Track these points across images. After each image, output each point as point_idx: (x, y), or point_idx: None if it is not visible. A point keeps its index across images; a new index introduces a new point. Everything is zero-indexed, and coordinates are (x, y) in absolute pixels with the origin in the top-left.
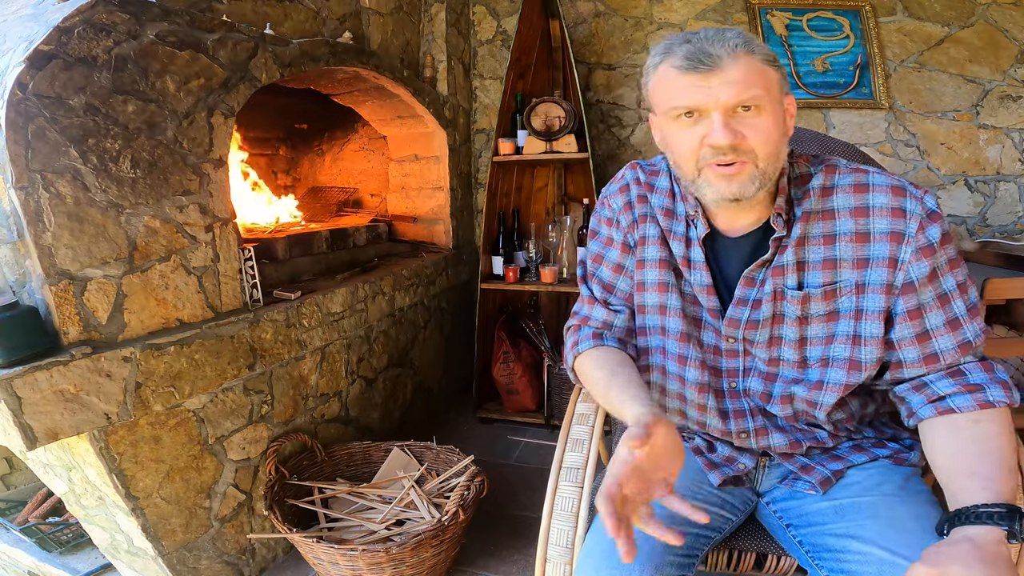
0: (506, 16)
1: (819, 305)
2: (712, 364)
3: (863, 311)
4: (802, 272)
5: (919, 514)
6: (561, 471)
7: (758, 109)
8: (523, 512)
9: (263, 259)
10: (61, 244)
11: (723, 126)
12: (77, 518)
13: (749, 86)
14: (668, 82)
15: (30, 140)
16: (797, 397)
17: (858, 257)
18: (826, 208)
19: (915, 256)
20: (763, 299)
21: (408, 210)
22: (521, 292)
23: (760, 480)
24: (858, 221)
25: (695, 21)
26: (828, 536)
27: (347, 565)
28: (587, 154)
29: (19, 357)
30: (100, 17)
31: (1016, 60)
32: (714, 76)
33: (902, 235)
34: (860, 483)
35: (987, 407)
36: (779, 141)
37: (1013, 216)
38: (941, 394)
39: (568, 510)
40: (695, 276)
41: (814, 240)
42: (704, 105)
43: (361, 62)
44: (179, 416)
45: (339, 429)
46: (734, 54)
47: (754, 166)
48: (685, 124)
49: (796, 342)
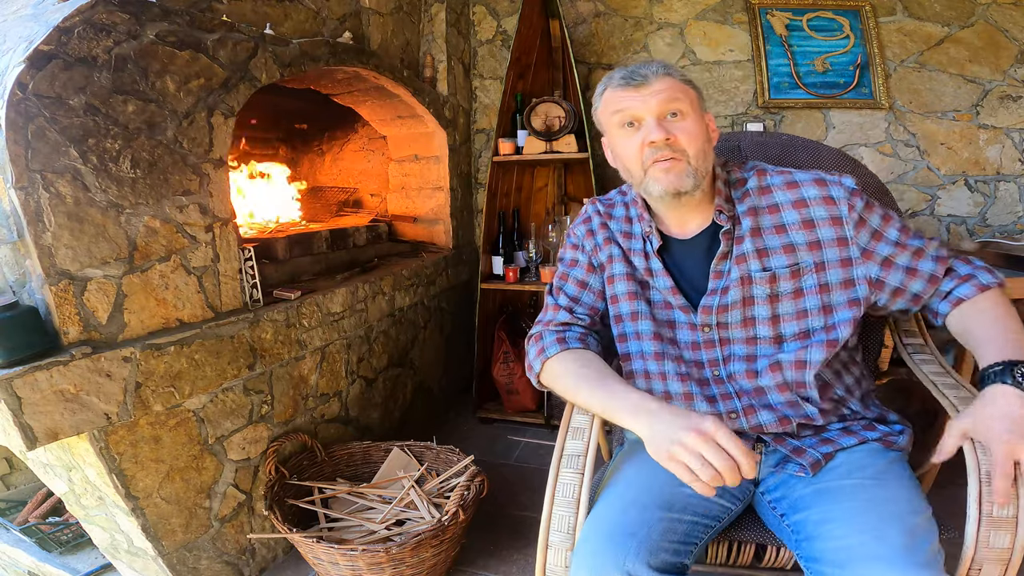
0: (506, 16)
1: (787, 284)
2: (692, 358)
3: (829, 284)
4: (765, 258)
5: (897, 496)
6: (563, 458)
7: (683, 115)
8: (523, 512)
9: (263, 259)
10: (61, 244)
11: (657, 126)
12: (77, 518)
13: (673, 97)
14: (611, 97)
15: (30, 140)
16: (785, 363)
17: (810, 240)
18: (771, 203)
19: (855, 230)
20: (731, 286)
21: (408, 210)
22: (521, 292)
23: (757, 469)
24: (801, 211)
25: (695, 21)
26: (809, 522)
27: (347, 565)
28: (587, 154)
29: (19, 357)
30: (100, 17)
31: (1016, 60)
32: (644, 89)
33: (840, 218)
34: (844, 466)
35: (984, 290)
36: (705, 143)
37: (1013, 216)
38: (947, 290)
39: (569, 496)
40: (659, 282)
41: (768, 230)
42: (640, 113)
43: (361, 62)
44: (179, 416)
45: (339, 429)
46: (658, 74)
47: (687, 163)
48: (628, 133)
49: (769, 319)
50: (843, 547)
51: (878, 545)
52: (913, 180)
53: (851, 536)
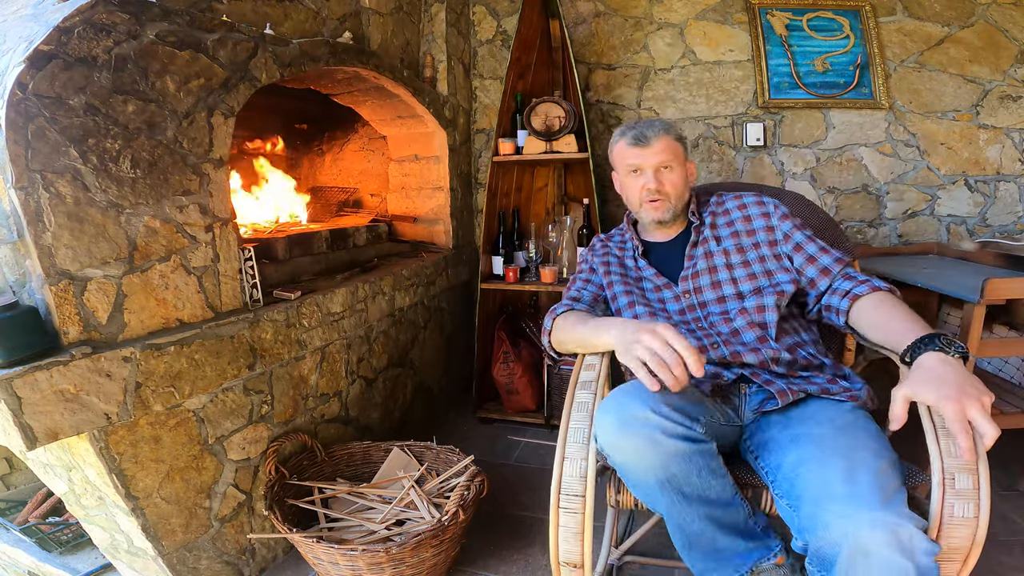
0: (506, 16)
1: (736, 256)
2: (679, 320)
3: (764, 256)
4: (720, 242)
5: (865, 444)
6: (578, 384)
7: (671, 169)
8: (523, 512)
9: (263, 259)
10: (61, 244)
11: (653, 178)
12: (77, 518)
13: (666, 155)
14: (623, 151)
15: (30, 140)
16: (749, 308)
17: (748, 230)
18: (724, 210)
19: (780, 220)
20: (698, 261)
21: (408, 210)
22: (521, 292)
23: (743, 409)
24: (743, 211)
25: (695, 21)
26: (786, 464)
27: (347, 565)
28: (587, 154)
29: (19, 357)
30: (100, 17)
31: (1016, 60)
32: (647, 149)
33: (769, 215)
34: (814, 418)
35: (877, 291)
36: (683, 187)
37: (1013, 216)
38: (846, 289)
39: (585, 412)
40: (646, 272)
41: (721, 226)
42: (643, 165)
43: (361, 62)
44: (179, 416)
45: (339, 429)
46: (658, 135)
47: (668, 202)
48: (633, 177)
49: (730, 280)
50: (819, 485)
51: (848, 486)
52: (913, 180)
53: (824, 477)
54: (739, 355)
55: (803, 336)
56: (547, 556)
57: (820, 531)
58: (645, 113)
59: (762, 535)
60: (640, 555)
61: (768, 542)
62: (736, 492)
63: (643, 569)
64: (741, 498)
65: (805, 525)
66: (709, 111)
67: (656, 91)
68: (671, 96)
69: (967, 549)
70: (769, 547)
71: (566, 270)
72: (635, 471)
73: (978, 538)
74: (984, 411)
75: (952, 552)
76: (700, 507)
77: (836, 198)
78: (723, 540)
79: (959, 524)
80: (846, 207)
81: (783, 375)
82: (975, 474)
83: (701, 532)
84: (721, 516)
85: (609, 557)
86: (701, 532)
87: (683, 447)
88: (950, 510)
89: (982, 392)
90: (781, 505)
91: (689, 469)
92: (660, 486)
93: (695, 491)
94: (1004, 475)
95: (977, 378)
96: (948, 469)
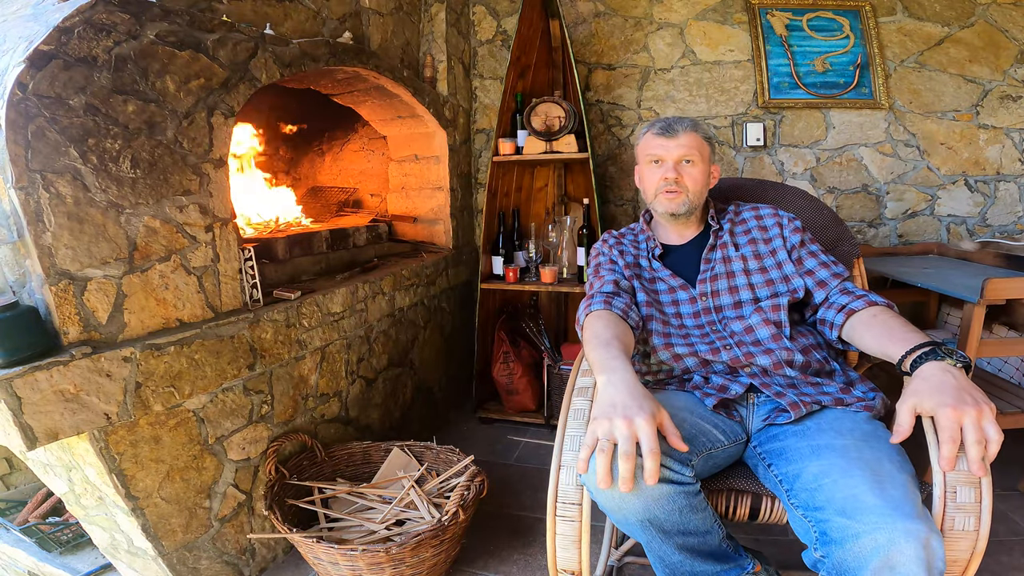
0: (506, 16)
1: (753, 263)
2: (694, 324)
3: (780, 262)
4: (738, 248)
5: (888, 457)
6: (575, 390)
7: (694, 164)
8: (523, 512)
9: (263, 259)
10: (61, 244)
11: (673, 168)
12: (77, 518)
13: (691, 149)
14: (649, 140)
15: (30, 140)
16: (764, 308)
17: (764, 238)
18: (742, 219)
19: (790, 232)
20: (715, 264)
21: (408, 210)
22: (521, 292)
23: (750, 419)
24: (759, 224)
25: (695, 21)
26: (808, 474)
27: (347, 565)
28: (587, 154)
29: (19, 357)
30: (100, 17)
31: (1016, 60)
32: (672, 140)
33: (782, 226)
34: (833, 429)
35: (872, 305)
36: (703, 185)
37: (1013, 216)
38: (842, 304)
39: (581, 419)
40: (661, 275)
41: (739, 234)
42: (664, 156)
43: (361, 62)
44: (179, 416)
45: (339, 429)
46: (686, 130)
47: (686, 196)
48: (653, 168)
49: (747, 285)
50: (848, 497)
51: (878, 498)
52: (913, 180)
53: (852, 488)
54: (752, 356)
55: (816, 339)
56: (547, 556)
57: (849, 542)
58: (645, 113)
59: (734, 555)
60: (640, 556)
61: (741, 561)
62: (715, 520)
63: (643, 569)
64: (719, 526)
65: (833, 536)
66: (709, 111)
67: (656, 91)
68: (671, 96)
69: (966, 561)
70: (743, 566)
71: (566, 270)
72: (617, 512)
73: (978, 550)
74: (980, 420)
75: (952, 564)
76: (679, 538)
77: (836, 198)
78: (701, 566)
79: (960, 537)
80: (846, 207)
81: (793, 384)
82: (978, 488)
83: (680, 562)
84: (698, 545)
85: (609, 558)
86: (680, 562)
87: (667, 490)
88: (951, 523)
89: (982, 401)
90: (795, 515)
91: (671, 509)
92: (642, 526)
93: (675, 527)
94: (1004, 475)
95: (979, 388)
96: (951, 482)
